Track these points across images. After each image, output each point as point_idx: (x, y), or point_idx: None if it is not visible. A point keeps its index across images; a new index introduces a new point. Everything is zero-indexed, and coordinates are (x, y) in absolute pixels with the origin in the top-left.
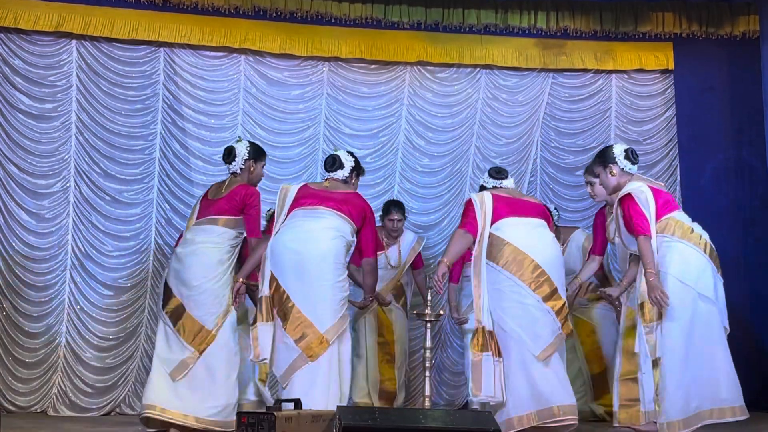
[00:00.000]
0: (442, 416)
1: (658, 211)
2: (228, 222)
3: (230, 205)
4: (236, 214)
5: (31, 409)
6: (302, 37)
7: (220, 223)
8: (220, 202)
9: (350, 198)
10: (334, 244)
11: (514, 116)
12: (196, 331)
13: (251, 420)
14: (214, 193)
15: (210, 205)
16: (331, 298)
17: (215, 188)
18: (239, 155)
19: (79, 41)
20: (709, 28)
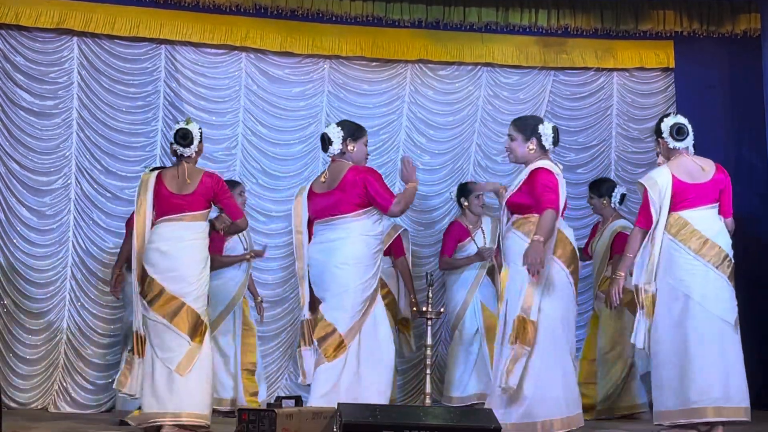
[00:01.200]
0: (443, 413)
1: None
2: (204, 215)
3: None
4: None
5: (31, 406)
6: (303, 35)
7: (200, 218)
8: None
9: (349, 179)
10: (353, 251)
11: (515, 114)
12: (194, 323)
13: (252, 417)
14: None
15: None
16: (351, 303)
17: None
18: (195, 137)
19: (80, 38)
20: (709, 27)
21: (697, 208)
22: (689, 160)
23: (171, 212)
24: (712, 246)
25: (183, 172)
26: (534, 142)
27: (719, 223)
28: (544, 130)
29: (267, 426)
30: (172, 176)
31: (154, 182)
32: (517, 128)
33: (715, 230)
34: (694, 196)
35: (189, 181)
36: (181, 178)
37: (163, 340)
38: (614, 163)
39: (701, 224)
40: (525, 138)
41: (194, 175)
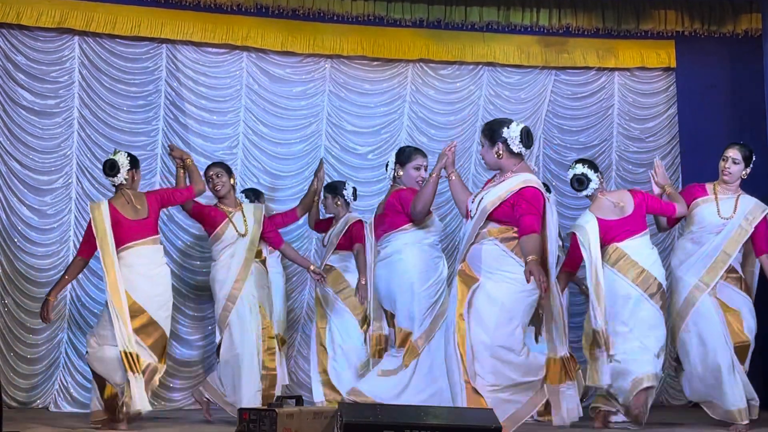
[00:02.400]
0: (444, 413)
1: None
2: (158, 239)
3: (155, 222)
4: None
5: (32, 405)
6: (304, 35)
7: (158, 240)
8: (146, 222)
9: (393, 201)
10: (405, 266)
11: (516, 114)
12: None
13: (253, 416)
14: (130, 212)
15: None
16: (417, 311)
17: (123, 206)
18: (122, 166)
19: (81, 37)
20: (711, 26)
21: (629, 238)
22: (606, 200)
23: (135, 238)
24: (648, 276)
25: (130, 198)
26: (500, 146)
27: (651, 250)
28: (510, 134)
29: (268, 426)
30: (121, 204)
31: (108, 209)
32: (483, 134)
33: (650, 260)
34: (623, 230)
35: (139, 207)
36: (131, 204)
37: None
38: (615, 162)
39: (636, 254)
40: (491, 144)
41: (141, 200)
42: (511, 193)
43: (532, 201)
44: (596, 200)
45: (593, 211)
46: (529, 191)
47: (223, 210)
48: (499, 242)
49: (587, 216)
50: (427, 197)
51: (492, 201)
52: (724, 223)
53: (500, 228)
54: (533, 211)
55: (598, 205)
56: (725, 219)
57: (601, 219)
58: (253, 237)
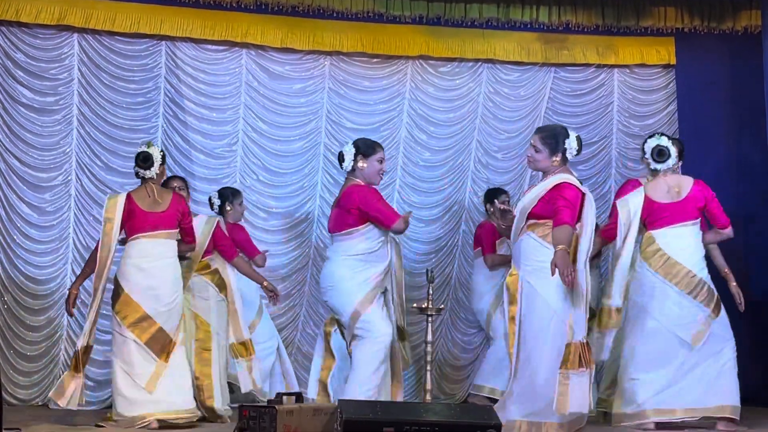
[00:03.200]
0: (444, 410)
1: None
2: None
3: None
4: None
5: (32, 402)
6: (304, 31)
7: (173, 236)
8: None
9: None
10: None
11: (515, 111)
12: (164, 343)
13: (253, 413)
14: (150, 205)
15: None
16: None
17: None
18: (156, 160)
19: (80, 35)
20: (710, 23)
21: (669, 226)
22: (663, 180)
23: (147, 229)
24: (672, 264)
25: (152, 191)
26: (559, 156)
27: (690, 240)
28: (569, 144)
29: (268, 422)
30: (141, 196)
31: (124, 201)
32: (543, 141)
33: (680, 248)
34: (668, 215)
35: (160, 201)
36: (152, 197)
37: (131, 358)
38: (615, 159)
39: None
40: (551, 152)
41: (164, 195)
42: (547, 191)
43: (568, 196)
44: (655, 180)
45: (647, 189)
46: (566, 187)
47: None
48: (536, 236)
49: (638, 191)
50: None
51: (531, 199)
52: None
53: (537, 223)
54: (569, 205)
55: (654, 184)
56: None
57: (650, 199)
58: (197, 251)
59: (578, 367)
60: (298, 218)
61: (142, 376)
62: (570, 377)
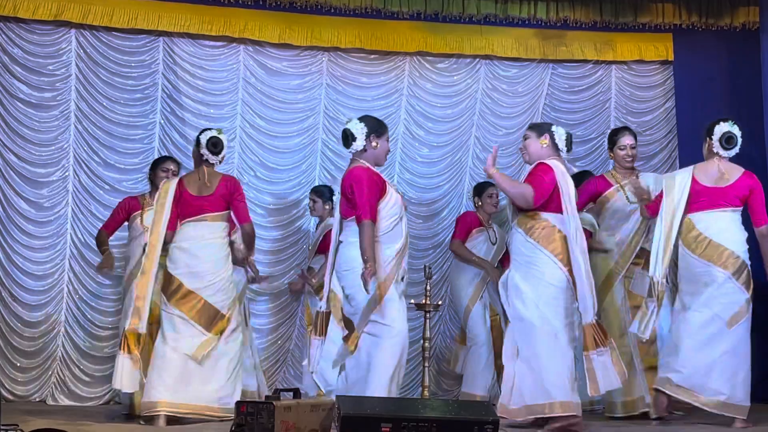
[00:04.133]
0: (441, 406)
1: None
2: (224, 216)
3: (224, 199)
4: (227, 208)
5: (30, 398)
6: (302, 27)
7: (220, 218)
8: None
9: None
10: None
11: (513, 107)
12: (211, 316)
13: (250, 409)
14: (199, 188)
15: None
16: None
17: (194, 182)
18: (225, 147)
19: (78, 30)
20: (708, 19)
21: (708, 210)
22: (716, 165)
23: (193, 214)
24: (714, 246)
25: (204, 175)
26: (547, 137)
27: (729, 224)
28: (557, 130)
29: (265, 418)
30: (193, 180)
31: (175, 187)
32: (530, 128)
33: (719, 230)
34: (709, 199)
35: (209, 184)
36: (202, 180)
37: (178, 331)
38: None
39: (706, 226)
40: (538, 134)
41: (213, 178)
42: (527, 175)
43: (540, 173)
44: (706, 163)
45: (696, 171)
46: (539, 166)
47: (142, 203)
48: (522, 231)
49: (686, 170)
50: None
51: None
52: (633, 208)
53: (526, 215)
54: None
55: (704, 167)
56: (633, 203)
57: (696, 180)
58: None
59: (596, 347)
60: (295, 214)
61: (190, 347)
62: (592, 359)
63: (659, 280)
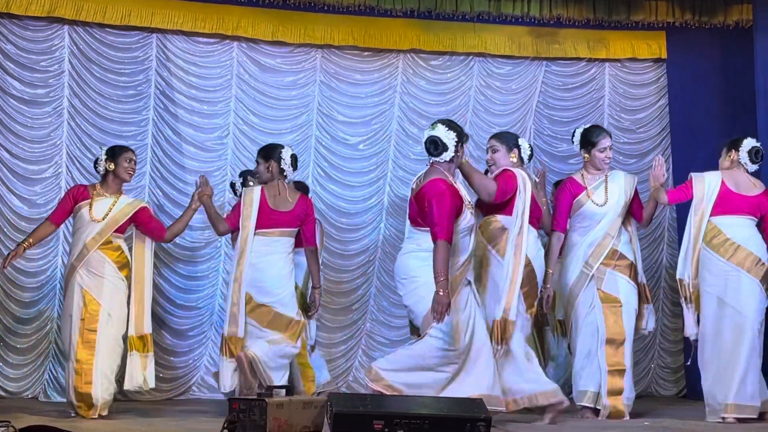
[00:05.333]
0: (434, 403)
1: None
2: (294, 233)
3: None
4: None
5: (22, 395)
6: (295, 24)
7: (291, 234)
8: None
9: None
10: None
11: (507, 104)
12: (289, 324)
13: (243, 406)
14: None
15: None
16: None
17: (273, 195)
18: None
19: (71, 27)
20: (702, 17)
21: (732, 215)
22: (745, 176)
23: (266, 226)
24: (742, 251)
25: (284, 189)
26: (516, 152)
27: (752, 230)
28: (522, 144)
29: (258, 415)
30: (272, 193)
31: (259, 195)
32: (499, 140)
33: (746, 236)
34: (734, 205)
35: (290, 200)
36: (282, 195)
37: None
38: None
39: (732, 231)
40: (508, 149)
41: (293, 195)
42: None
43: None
44: (733, 170)
45: (723, 174)
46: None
47: (92, 193)
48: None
49: (714, 173)
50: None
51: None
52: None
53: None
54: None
55: (731, 173)
56: (601, 205)
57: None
58: (105, 227)
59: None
60: None
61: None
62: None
63: (689, 281)
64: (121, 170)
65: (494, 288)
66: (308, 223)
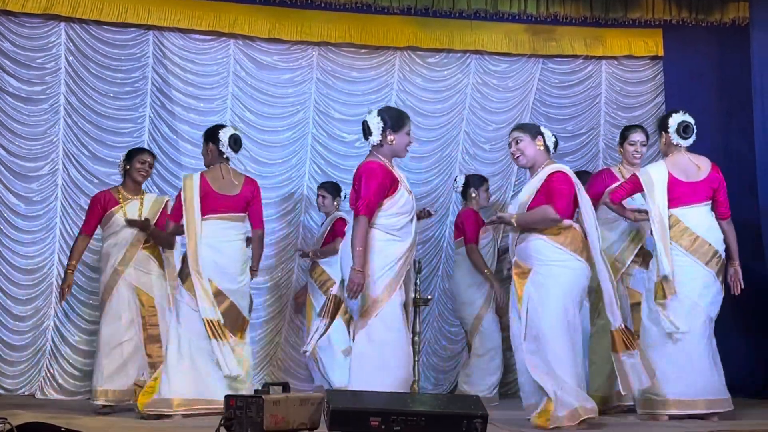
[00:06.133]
0: (431, 400)
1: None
2: (244, 218)
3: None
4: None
5: (18, 392)
6: (292, 22)
7: (242, 219)
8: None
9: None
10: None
11: (503, 102)
12: (238, 320)
13: (239, 403)
14: (222, 186)
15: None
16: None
17: (216, 179)
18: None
19: (67, 24)
20: (698, 15)
21: (689, 205)
22: (686, 158)
23: (217, 211)
24: (701, 243)
25: (227, 172)
26: (540, 139)
27: (710, 220)
28: (545, 131)
29: (254, 412)
30: (214, 177)
31: (199, 182)
32: (521, 130)
33: (705, 227)
34: (688, 194)
35: (236, 183)
36: (226, 179)
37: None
38: (602, 151)
39: (692, 221)
40: (532, 137)
41: (238, 178)
42: (542, 182)
43: (560, 187)
44: (675, 156)
45: (668, 165)
46: (556, 176)
47: (118, 196)
48: (545, 237)
49: (659, 164)
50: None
51: (528, 194)
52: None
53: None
54: (561, 197)
55: (674, 160)
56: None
57: (672, 175)
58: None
59: (626, 349)
60: (285, 209)
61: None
62: (622, 361)
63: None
64: (134, 171)
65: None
66: (254, 205)
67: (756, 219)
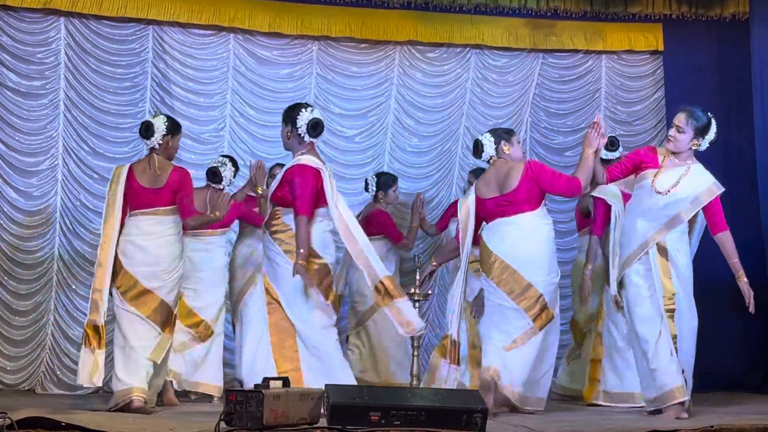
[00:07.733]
0: (430, 395)
1: None
2: (175, 210)
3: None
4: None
5: (19, 387)
6: (292, 16)
7: (171, 213)
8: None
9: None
10: None
11: (503, 96)
12: (166, 315)
13: (239, 398)
14: (149, 179)
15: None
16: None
17: (143, 171)
18: (157, 130)
19: (67, 18)
20: (698, 10)
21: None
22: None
23: (144, 206)
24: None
25: (153, 164)
26: (700, 141)
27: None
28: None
29: (254, 407)
30: (142, 169)
31: (125, 175)
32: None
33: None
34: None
35: (159, 173)
36: (152, 170)
37: (136, 330)
38: None
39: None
40: (694, 135)
41: (165, 169)
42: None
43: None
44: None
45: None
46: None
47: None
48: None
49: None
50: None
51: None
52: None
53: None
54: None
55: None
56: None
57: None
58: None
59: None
60: None
61: (147, 348)
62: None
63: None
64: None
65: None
66: (183, 196)
67: (756, 214)
